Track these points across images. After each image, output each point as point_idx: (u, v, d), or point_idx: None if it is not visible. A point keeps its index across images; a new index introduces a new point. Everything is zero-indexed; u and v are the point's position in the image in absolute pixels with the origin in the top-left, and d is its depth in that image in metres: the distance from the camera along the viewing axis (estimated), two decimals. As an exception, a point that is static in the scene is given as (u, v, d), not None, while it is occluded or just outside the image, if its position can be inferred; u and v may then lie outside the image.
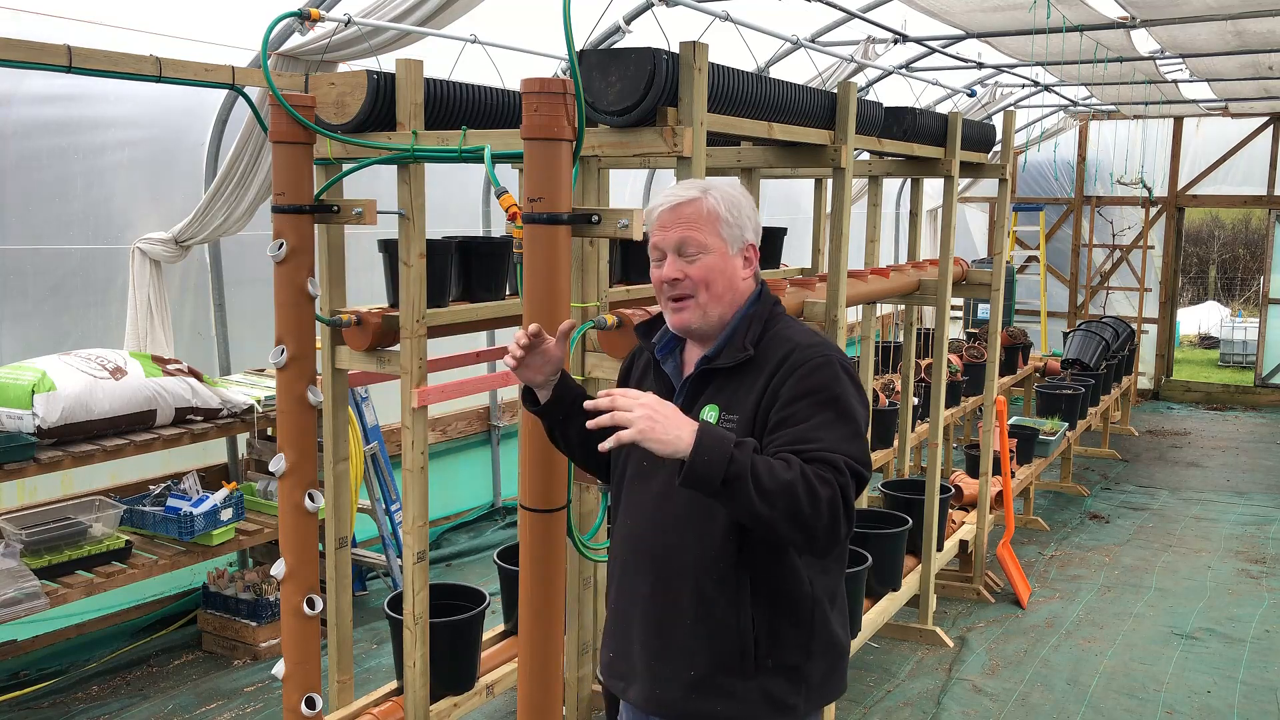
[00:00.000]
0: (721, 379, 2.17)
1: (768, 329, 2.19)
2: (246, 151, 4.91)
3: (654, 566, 2.19)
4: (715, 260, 2.15)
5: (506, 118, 3.54)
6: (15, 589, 3.98)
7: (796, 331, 2.21)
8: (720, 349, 2.19)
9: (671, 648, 2.17)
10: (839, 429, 2.03)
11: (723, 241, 2.16)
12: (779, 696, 2.16)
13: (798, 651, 2.17)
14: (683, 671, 2.16)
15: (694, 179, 2.26)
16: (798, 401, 2.06)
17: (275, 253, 3.33)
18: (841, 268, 3.99)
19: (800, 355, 2.12)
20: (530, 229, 2.68)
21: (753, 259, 2.22)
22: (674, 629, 2.16)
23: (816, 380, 2.08)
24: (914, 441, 6.62)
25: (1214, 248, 21.38)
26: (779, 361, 2.12)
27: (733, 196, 2.18)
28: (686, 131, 2.85)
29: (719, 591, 2.12)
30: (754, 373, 2.14)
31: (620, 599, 2.29)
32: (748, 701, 2.14)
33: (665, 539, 2.16)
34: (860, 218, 9.14)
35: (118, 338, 5.07)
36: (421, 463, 3.43)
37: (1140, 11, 6.50)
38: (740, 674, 2.13)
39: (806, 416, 2.03)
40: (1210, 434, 10.66)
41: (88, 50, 3.88)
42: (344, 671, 3.79)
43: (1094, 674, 5.02)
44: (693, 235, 2.14)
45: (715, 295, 2.16)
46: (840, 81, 5.22)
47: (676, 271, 2.15)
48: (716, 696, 2.14)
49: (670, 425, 1.87)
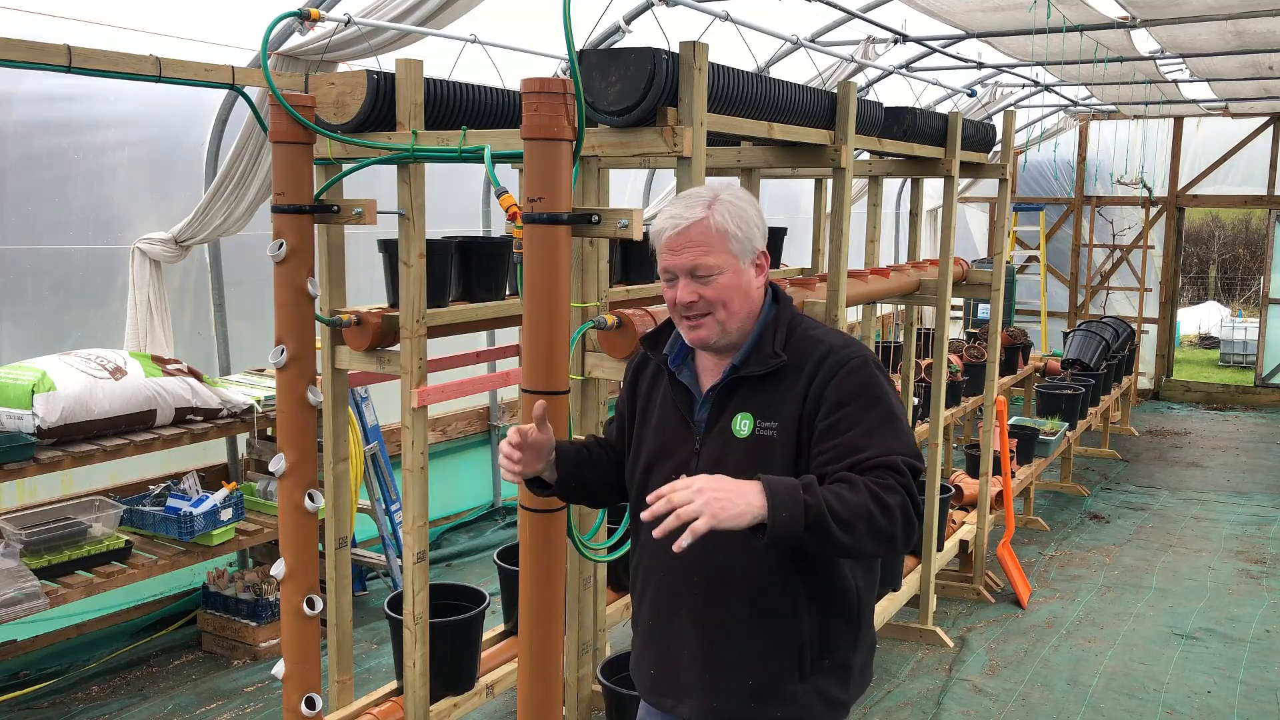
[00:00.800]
0: (751, 386, 2.14)
1: (793, 331, 2.17)
2: (246, 151, 4.91)
3: (703, 582, 2.15)
4: (729, 279, 2.11)
5: (506, 118, 3.53)
6: (15, 589, 3.98)
7: (823, 331, 2.19)
8: (748, 356, 2.15)
9: (728, 660, 2.15)
10: (888, 429, 2.03)
11: (734, 258, 2.11)
12: (833, 694, 2.18)
13: (847, 648, 2.20)
14: (742, 682, 2.15)
15: (697, 190, 2.19)
16: (843, 407, 2.04)
17: (275, 253, 3.33)
18: (841, 268, 3.99)
19: (837, 358, 2.09)
20: (530, 229, 2.68)
21: (764, 265, 2.18)
22: (729, 641, 2.15)
23: (857, 383, 2.06)
24: (914, 441, 6.61)
25: (1214, 248, 21.38)
26: (815, 364, 2.10)
27: (739, 208, 2.13)
28: (686, 131, 2.85)
29: (773, 600, 2.12)
30: (789, 378, 2.11)
31: (660, 615, 2.24)
32: (806, 704, 2.15)
33: (711, 555, 2.09)
34: (860, 218, 9.14)
35: (118, 338, 5.07)
36: (421, 463, 3.43)
37: (1140, 11, 6.50)
38: (799, 677, 2.14)
39: (855, 422, 2.02)
40: (1210, 434, 10.66)
41: (88, 50, 3.88)
42: (344, 671, 3.79)
43: (1094, 674, 5.02)
44: (704, 260, 2.09)
45: (733, 312, 2.12)
46: (840, 81, 5.22)
47: (691, 295, 2.11)
48: (776, 702, 2.14)
49: (736, 497, 1.81)
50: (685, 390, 2.22)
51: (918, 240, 5.72)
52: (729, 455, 2.11)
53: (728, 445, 2.12)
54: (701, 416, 2.19)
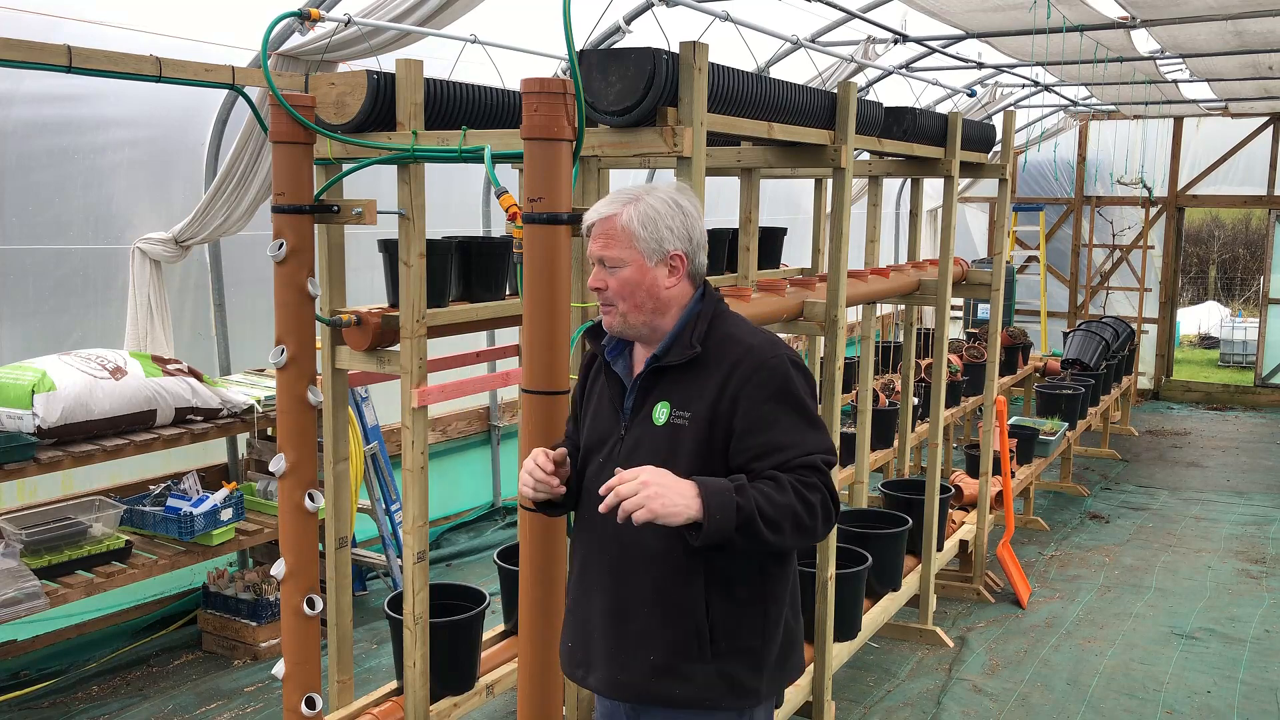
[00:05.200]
0: (672, 377, 2.25)
1: (714, 327, 2.27)
2: (246, 151, 4.91)
3: (613, 560, 2.27)
4: (631, 273, 2.23)
5: (506, 118, 3.53)
6: (15, 589, 3.98)
7: (744, 331, 2.28)
8: (668, 347, 2.26)
9: (631, 635, 2.25)
10: (805, 428, 2.18)
11: (639, 255, 2.23)
12: (739, 679, 2.25)
13: (753, 636, 2.26)
14: (643, 657, 2.24)
15: (627, 189, 2.31)
16: (762, 405, 2.16)
17: (275, 253, 3.33)
18: (841, 268, 3.99)
19: (757, 357, 2.20)
20: (530, 229, 2.68)
21: (680, 267, 2.26)
22: (633, 618, 2.25)
23: (776, 382, 2.18)
24: (914, 441, 6.62)
25: (1214, 248, 21.38)
26: (733, 363, 2.20)
27: (651, 210, 2.23)
28: (686, 131, 2.85)
29: (675, 581, 2.21)
30: (705, 371, 2.22)
31: (579, 592, 2.37)
32: (707, 684, 2.23)
33: (622, 533, 2.20)
34: (860, 218, 9.14)
35: (118, 338, 5.07)
36: (421, 463, 3.43)
37: (1140, 11, 6.50)
38: (699, 658, 2.22)
39: (773, 421, 2.16)
40: (1210, 434, 10.66)
41: (88, 50, 3.88)
42: (344, 671, 3.79)
43: (1094, 674, 5.02)
44: (607, 252, 2.24)
45: (634, 305, 2.24)
46: (840, 81, 5.22)
47: (600, 282, 2.27)
48: (676, 680, 2.23)
49: (675, 495, 1.98)
50: (618, 380, 2.34)
51: (918, 240, 5.72)
52: (644, 442, 2.24)
53: (645, 432, 2.25)
54: (628, 405, 2.31)
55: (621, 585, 2.26)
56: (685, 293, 2.30)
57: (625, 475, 2.00)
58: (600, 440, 2.34)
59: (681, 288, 2.29)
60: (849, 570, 4.42)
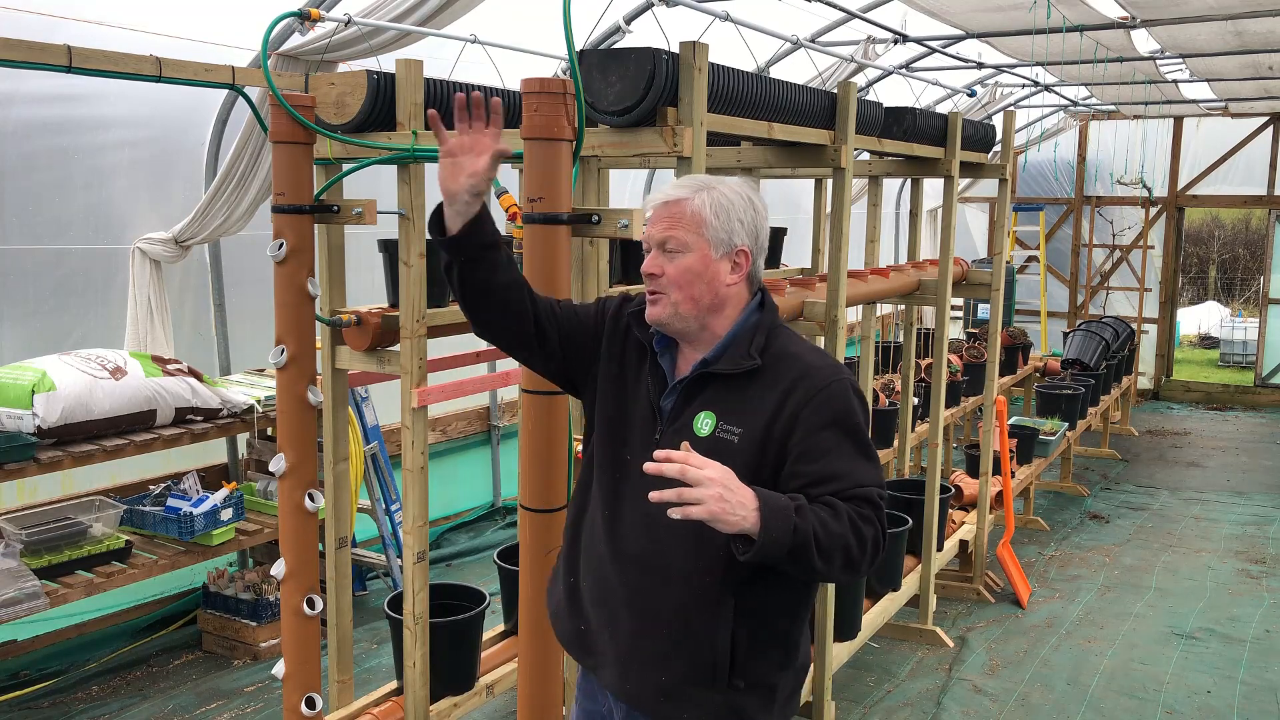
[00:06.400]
0: (720, 386, 2.11)
1: (771, 339, 2.13)
2: (246, 151, 4.91)
3: (638, 569, 2.14)
4: (693, 261, 2.09)
5: (506, 118, 3.53)
6: (15, 589, 3.98)
7: (804, 348, 2.15)
8: (720, 354, 2.12)
9: (646, 651, 2.14)
10: (865, 460, 2.04)
11: (705, 243, 2.09)
12: (749, 713, 2.14)
13: (774, 669, 2.16)
14: (655, 675, 2.14)
15: (699, 176, 2.19)
16: (822, 431, 2.02)
17: (275, 253, 3.33)
18: (841, 268, 3.99)
19: (818, 379, 2.06)
20: (530, 229, 2.68)
21: (743, 265, 2.13)
22: (651, 634, 2.14)
23: (838, 408, 2.05)
24: (914, 441, 6.62)
25: (1214, 248, 21.38)
26: (793, 382, 2.06)
27: (725, 199, 2.11)
28: (686, 131, 2.85)
29: (699, 606, 2.09)
30: (761, 386, 2.08)
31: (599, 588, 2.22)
32: (715, 714, 2.13)
33: (653, 545, 2.11)
34: (860, 218, 9.14)
35: (118, 338, 5.07)
36: (421, 463, 3.43)
37: (1140, 11, 6.50)
38: (711, 687, 2.11)
39: (832, 448, 2.02)
40: (1210, 434, 10.66)
41: (88, 50, 3.88)
42: (344, 671, 3.79)
43: (1094, 674, 5.02)
44: (675, 234, 2.10)
45: (690, 296, 2.10)
46: (840, 81, 5.22)
47: (655, 267, 2.12)
48: (684, 705, 2.13)
49: (738, 504, 1.82)
50: (661, 375, 2.20)
51: (918, 240, 5.72)
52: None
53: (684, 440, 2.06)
54: (666, 406, 2.17)
55: (644, 598, 2.13)
56: (743, 295, 2.16)
57: (694, 459, 1.83)
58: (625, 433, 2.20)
59: (740, 289, 2.15)
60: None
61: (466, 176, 2.15)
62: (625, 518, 2.17)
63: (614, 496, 2.20)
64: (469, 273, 2.20)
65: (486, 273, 2.20)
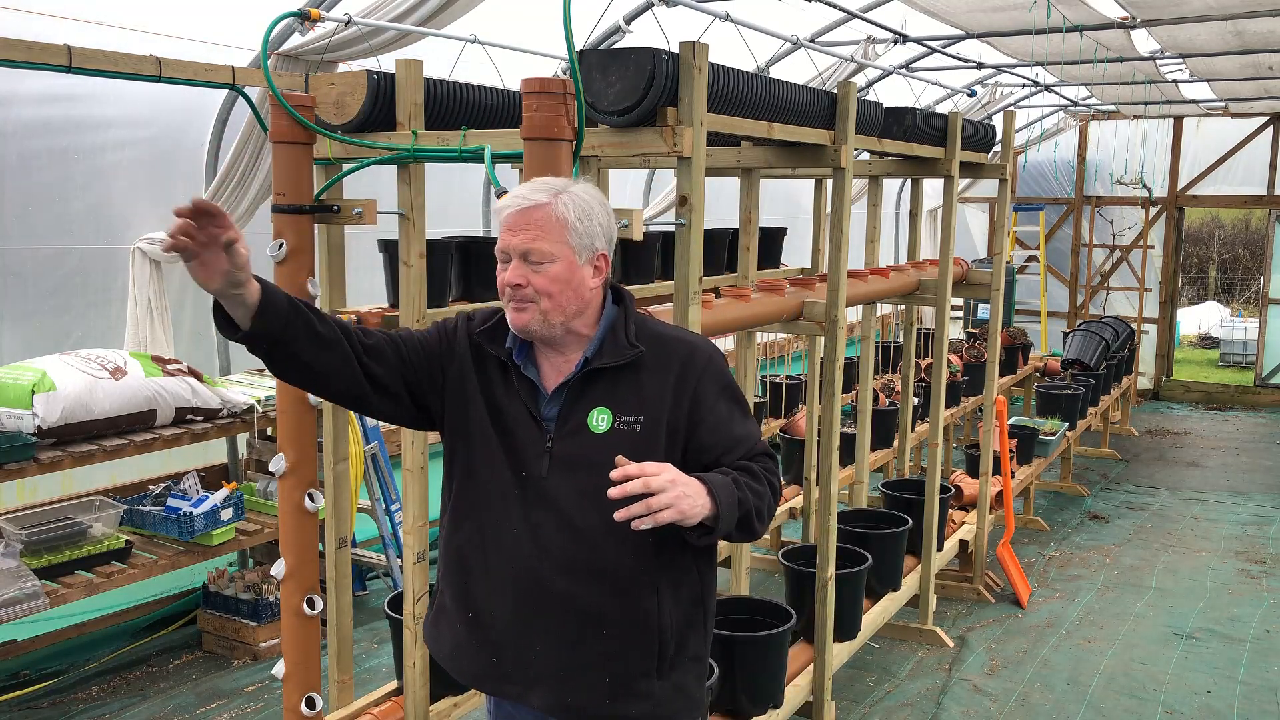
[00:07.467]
0: (608, 380, 2.11)
1: (641, 327, 2.17)
2: (246, 151, 4.91)
3: (571, 576, 2.10)
4: (561, 270, 2.05)
5: (506, 118, 3.53)
6: (15, 589, 3.98)
7: (671, 329, 2.23)
8: (600, 349, 2.12)
9: (591, 654, 2.12)
10: (749, 418, 2.22)
11: (570, 250, 2.06)
12: (690, 691, 2.21)
13: (700, 643, 2.24)
14: (599, 680, 2.12)
15: (548, 179, 2.14)
16: (718, 403, 2.14)
17: (275, 253, 3.33)
18: (841, 268, 3.99)
19: (701, 354, 2.16)
20: (530, 229, 2.67)
21: (603, 268, 2.13)
22: (594, 637, 2.11)
23: (724, 379, 2.18)
24: (914, 441, 6.62)
25: (1214, 248, 21.38)
26: (683, 361, 2.13)
27: (585, 203, 2.08)
28: (686, 131, 2.85)
29: (642, 595, 2.11)
30: (649, 372, 2.11)
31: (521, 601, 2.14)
32: (664, 699, 2.16)
33: (583, 549, 2.09)
34: (860, 218, 9.14)
35: (118, 338, 5.07)
36: (421, 463, 3.43)
37: (1140, 11, 6.50)
38: (657, 674, 2.15)
39: (728, 415, 2.15)
40: (1210, 434, 10.66)
41: (88, 50, 3.88)
42: (344, 671, 3.79)
43: (1094, 674, 5.02)
44: (538, 245, 2.04)
45: (558, 304, 2.07)
46: (840, 81, 5.22)
47: (519, 278, 2.06)
48: (633, 698, 2.13)
49: (696, 495, 1.92)
50: (531, 385, 2.15)
51: (918, 240, 5.73)
52: (585, 451, 2.08)
53: (585, 442, 2.09)
54: (550, 414, 2.13)
55: (584, 602, 2.10)
56: (598, 298, 2.15)
57: (649, 468, 1.87)
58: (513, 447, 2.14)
59: (598, 291, 2.15)
60: (849, 570, 4.42)
61: (219, 273, 1.96)
62: (546, 529, 2.12)
63: (525, 512, 2.14)
64: (279, 352, 2.06)
65: (296, 347, 2.06)
